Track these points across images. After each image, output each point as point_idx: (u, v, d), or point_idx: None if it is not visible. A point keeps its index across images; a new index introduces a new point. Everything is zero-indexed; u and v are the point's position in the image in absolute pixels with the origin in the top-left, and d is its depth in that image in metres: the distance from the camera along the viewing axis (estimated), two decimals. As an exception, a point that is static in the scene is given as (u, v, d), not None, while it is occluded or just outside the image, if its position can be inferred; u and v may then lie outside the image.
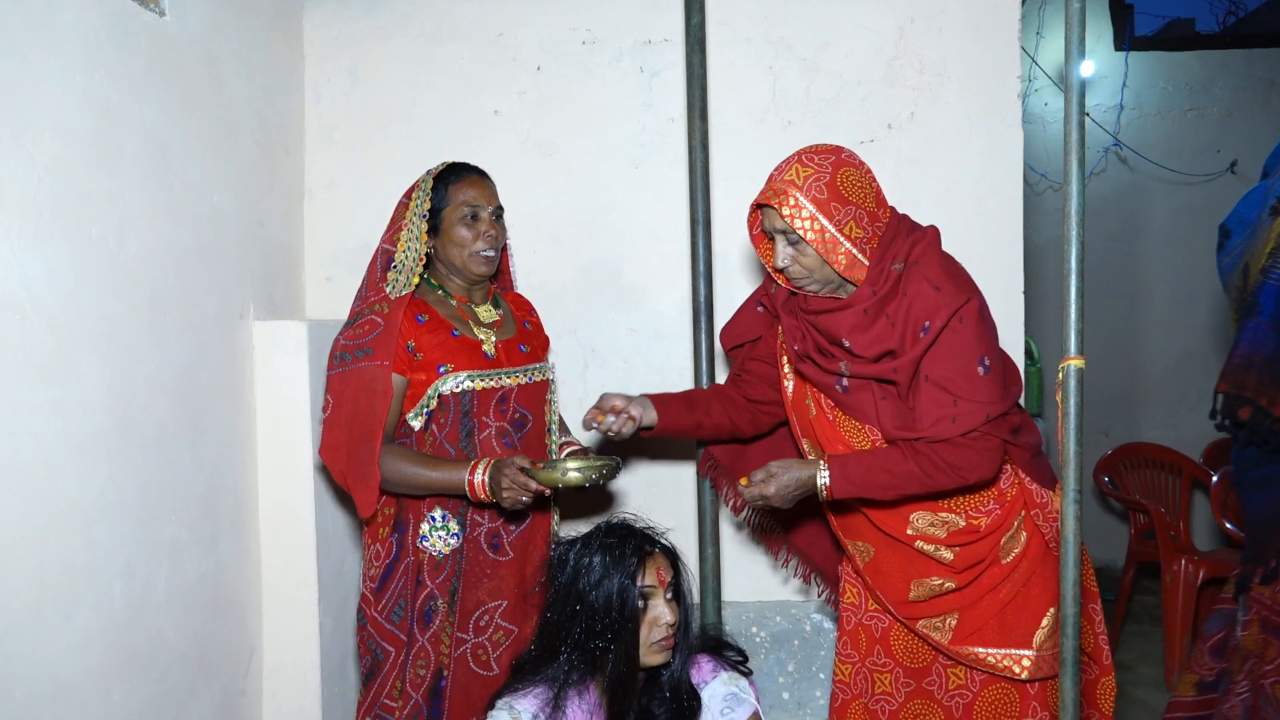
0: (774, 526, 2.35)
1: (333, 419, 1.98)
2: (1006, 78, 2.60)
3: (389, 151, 2.73)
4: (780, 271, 1.94)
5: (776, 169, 1.89)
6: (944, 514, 1.93)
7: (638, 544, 1.83)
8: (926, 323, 1.81)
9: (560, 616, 1.83)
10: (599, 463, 1.97)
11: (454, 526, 2.05)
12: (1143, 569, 4.16)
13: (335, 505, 2.46)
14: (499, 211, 2.12)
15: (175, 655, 2.03)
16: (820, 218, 1.82)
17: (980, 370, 1.82)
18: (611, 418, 2.04)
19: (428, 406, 2.03)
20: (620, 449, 2.21)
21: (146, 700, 1.93)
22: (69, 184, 1.73)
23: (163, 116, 2.02)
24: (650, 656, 1.82)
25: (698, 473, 2.35)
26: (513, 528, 2.08)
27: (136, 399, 1.91)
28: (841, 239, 1.83)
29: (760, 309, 2.19)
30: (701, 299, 2.34)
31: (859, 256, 1.85)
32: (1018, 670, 1.91)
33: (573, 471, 1.93)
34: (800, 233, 1.83)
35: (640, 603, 1.80)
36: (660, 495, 2.70)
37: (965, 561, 1.94)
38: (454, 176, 2.10)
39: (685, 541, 2.41)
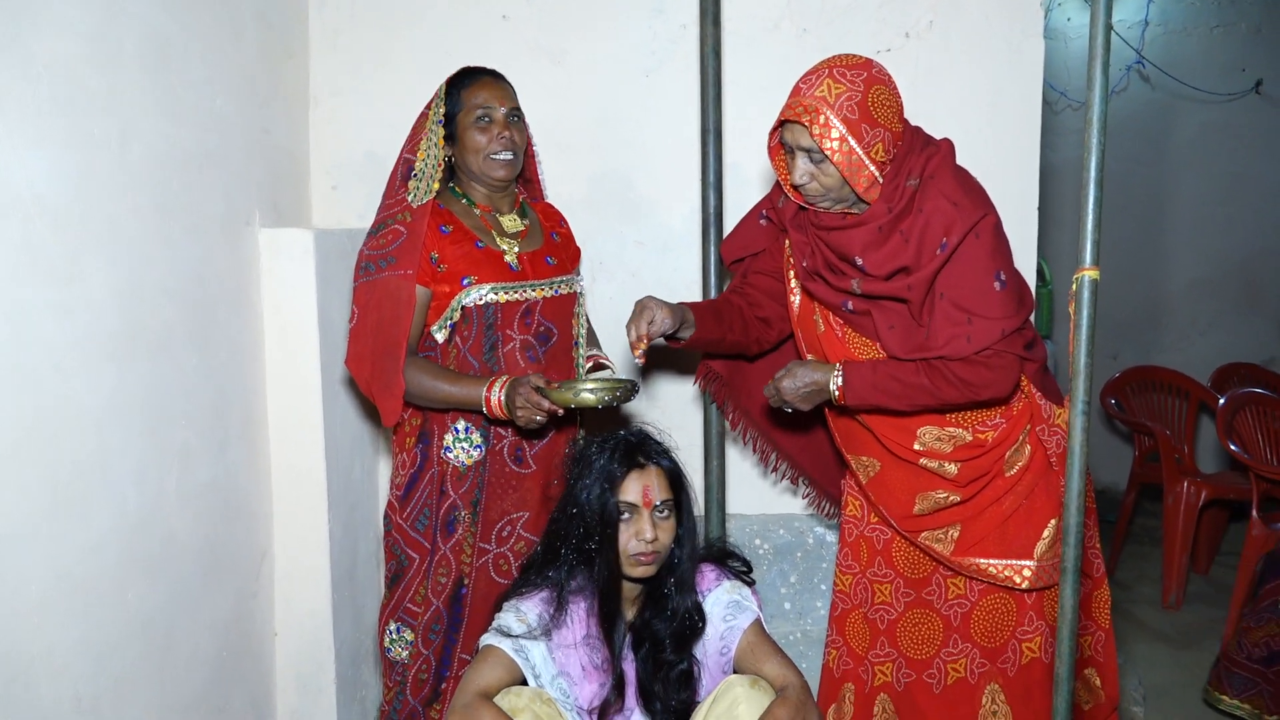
0: (770, 437, 2.36)
1: (358, 329, 2.01)
2: (1029, -15, 2.53)
3: (395, 58, 2.67)
4: (795, 188, 1.91)
5: (804, 81, 1.83)
6: (951, 429, 1.94)
7: (631, 454, 1.84)
8: (944, 239, 1.79)
9: (561, 516, 1.86)
10: (614, 384, 1.98)
11: (477, 438, 2.08)
12: (1145, 491, 4.20)
13: (344, 413, 2.48)
14: (516, 113, 2.08)
15: (188, 558, 2.06)
16: (850, 139, 1.78)
17: (996, 285, 1.80)
18: (658, 339, 1.98)
19: (451, 319, 2.04)
20: (630, 360, 2.22)
21: (161, 601, 1.97)
22: (69, 82, 1.70)
23: (164, 15, 1.98)
24: (630, 568, 1.83)
25: (696, 384, 2.35)
26: (536, 441, 2.10)
27: (143, 303, 1.91)
28: (867, 162, 1.79)
29: (764, 222, 2.16)
30: (711, 211, 2.31)
31: (879, 177, 1.82)
32: (1018, 580, 1.94)
33: (585, 392, 1.94)
34: (828, 153, 1.78)
35: (624, 514, 1.81)
36: (666, 408, 2.71)
37: (969, 475, 1.95)
38: (466, 80, 2.07)
39: (691, 455, 2.42)
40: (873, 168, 1.80)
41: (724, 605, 1.92)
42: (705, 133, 2.28)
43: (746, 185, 2.64)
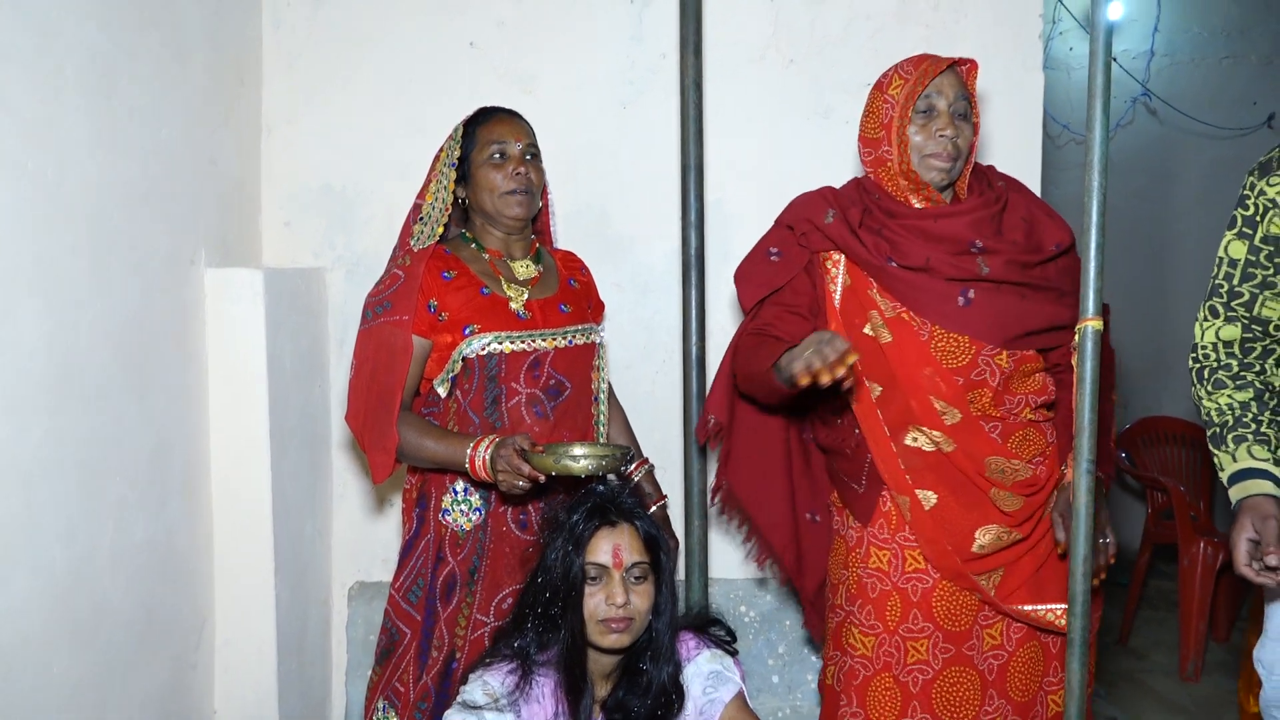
0: (736, 506, 2.27)
1: (355, 381, 2.02)
2: (1027, 15, 2.60)
3: (355, 85, 2.71)
4: (928, 157, 1.98)
5: (912, 60, 1.99)
6: (1014, 461, 2.01)
7: (602, 511, 1.83)
8: (1058, 243, 2.06)
9: (531, 582, 1.85)
10: (605, 451, 1.95)
11: (476, 500, 2.06)
12: (1159, 551, 4.21)
13: (294, 468, 2.47)
14: (532, 150, 2.12)
15: (120, 624, 2.04)
16: (977, 102, 2.01)
17: None
18: None
19: (452, 371, 2.03)
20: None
21: (89, 671, 1.94)
22: (3, 110, 1.72)
23: (106, 38, 2.00)
24: (599, 636, 1.81)
25: (694, 441, 2.34)
26: (542, 503, 2.05)
27: (78, 347, 1.91)
28: (975, 134, 2.00)
29: (774, 258, 2.15)
30: (692, 252, 2.32)
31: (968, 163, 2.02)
32: (1053, 619, 2.02)
33: (567, 459, 1.89)
34: (973, 104, 1.98)
35: (593, 576, 1.80)
36: (645, 463, 2.71)
37: (1024, 513, 2.02)
38: (481, 119, 2.12)
39: (671, 514, 2.43)
40: (975, 141, 2.00)
41: (704, 676, 1.91)
42: (686, 169, 2.30)
43: (730, 223, 2.68)
